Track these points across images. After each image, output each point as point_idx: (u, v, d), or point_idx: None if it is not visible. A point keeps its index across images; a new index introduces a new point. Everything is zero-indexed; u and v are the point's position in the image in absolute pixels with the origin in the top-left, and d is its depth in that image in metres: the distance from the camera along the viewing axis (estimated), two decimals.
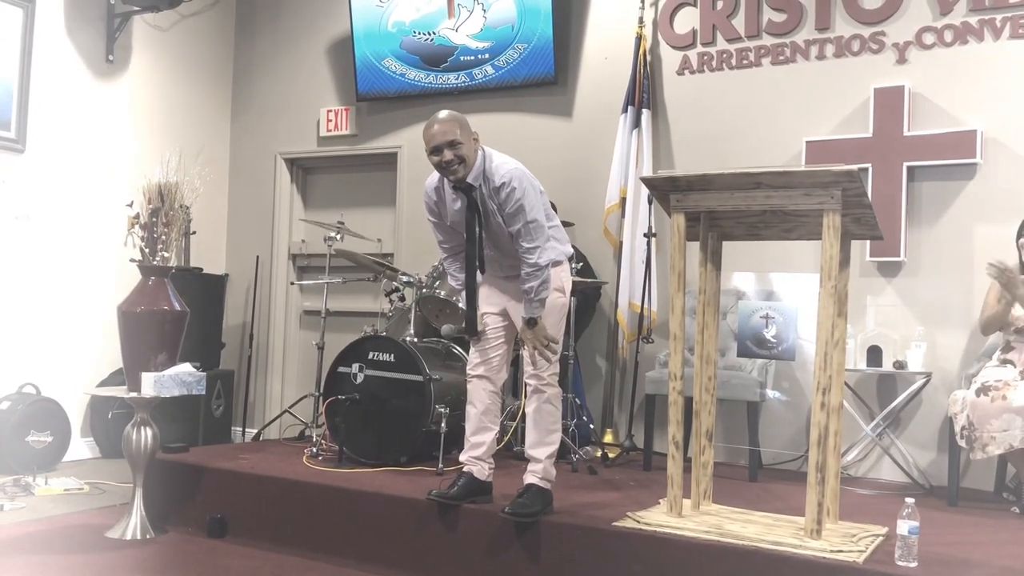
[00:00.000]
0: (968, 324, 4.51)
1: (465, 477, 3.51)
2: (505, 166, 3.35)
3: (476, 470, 3.52)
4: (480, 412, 3.53)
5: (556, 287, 3.45)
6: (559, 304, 3.47)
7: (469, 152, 3.32)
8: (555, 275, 3.44)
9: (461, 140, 3.29)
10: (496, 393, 3.56)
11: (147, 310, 3.87)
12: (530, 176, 3.40)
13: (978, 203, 4.54)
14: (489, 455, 3.55)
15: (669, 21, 5.34)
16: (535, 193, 3.37)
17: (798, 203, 3.07)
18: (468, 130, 3.35)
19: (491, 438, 3.55)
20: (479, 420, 3.53)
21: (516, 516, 3.28)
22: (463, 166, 3.31)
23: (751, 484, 4.32)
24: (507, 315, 3.53)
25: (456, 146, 3.28)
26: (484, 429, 3.53)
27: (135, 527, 3.84)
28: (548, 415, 3.40)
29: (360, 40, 6.09)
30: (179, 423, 5.53)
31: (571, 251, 3.66)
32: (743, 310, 3.63)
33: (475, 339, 3.53)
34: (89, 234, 5.69)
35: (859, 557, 2.86)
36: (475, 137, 3.37)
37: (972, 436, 3.84)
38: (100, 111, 5.87)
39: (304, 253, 6.68)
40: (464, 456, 3.56)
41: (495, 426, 3.57)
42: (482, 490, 3.52)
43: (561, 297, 3.48)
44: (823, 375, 3.00)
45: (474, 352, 3.57)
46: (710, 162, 4.89)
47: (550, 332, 3.38)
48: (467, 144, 3.31)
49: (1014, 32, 4.49)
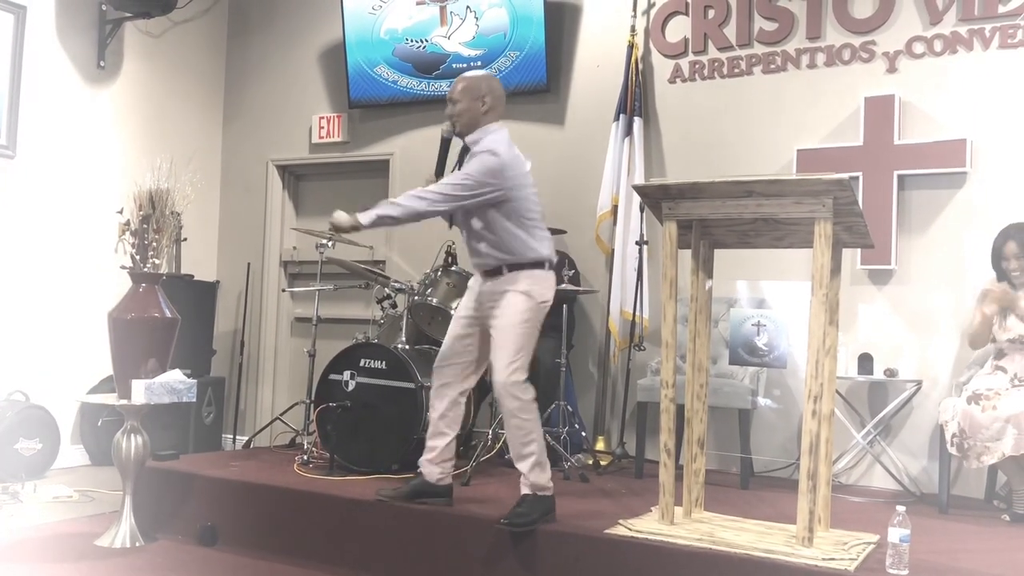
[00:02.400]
0: (958, 332, 4.53)
1: (417, 479, 3.62)
2: (496, 144, 3.42)
3: (427, 472, 3.59)
4: (436, 417, 3.57)
5: (522, 290, 3.38)
6: (522, 308, 3.36)
7: (466, 114, 3.51)
8: (524, 277, 3.39)
9: (458, 99, 3.52)
10: (456, 401, 3.56)
11: (137, 317, 3.86)
12: (509, 165, 3.38)
13: (967, 211, 4.56)
14: (442, 459, 3.58)
15: (661, 30, 5.36)
16: (488, 173, 3.34)
17: (789, 211, 3.08)
18: (476, 95, 3.51)
19: (444, 443, 3.57)
20: (435, 425, 3.58)
21: (511, 526, 3.28)
22: (460, 123, 3.53)
23: (743, 492, 4.32)
24: (479, 323, 3.50)
25: (454, 102, 3.54)
26: (439, 434, 3.57)
27: (125, 535, 3.82)
28: (516, 429, 3.34)
29: (352, 47, 6.09)
30: (169, 430, 5.50)
31: (546, 255, 3.46)
32: (735, 318, 3.64)
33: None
34: (79, 240, 5.67)
35: (850, 565, 2.86)
36: (485, 109, 3.51)
37: (965, 445, 3.86)
38: (91, 117, 5.85)
39: (296, 260, 6.67)
40: (421, 459, 3.64)
41: (451, 431, 3.58)
42: (433, 492, 3.58)
43: (527, 300, 3.37)
44: (814, 383, 3.01)
45: (441, 356, 3.59)
46: (702, 170, 4.91)
47: (512, 338, 3.32)
48: (466, 106, 3.51)
49: (1003, 42, 4.52)
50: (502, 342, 3.35)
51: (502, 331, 3.36)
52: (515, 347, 3.33)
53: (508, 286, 3.39)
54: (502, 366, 3.32)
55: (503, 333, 3.35)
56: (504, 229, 3.39)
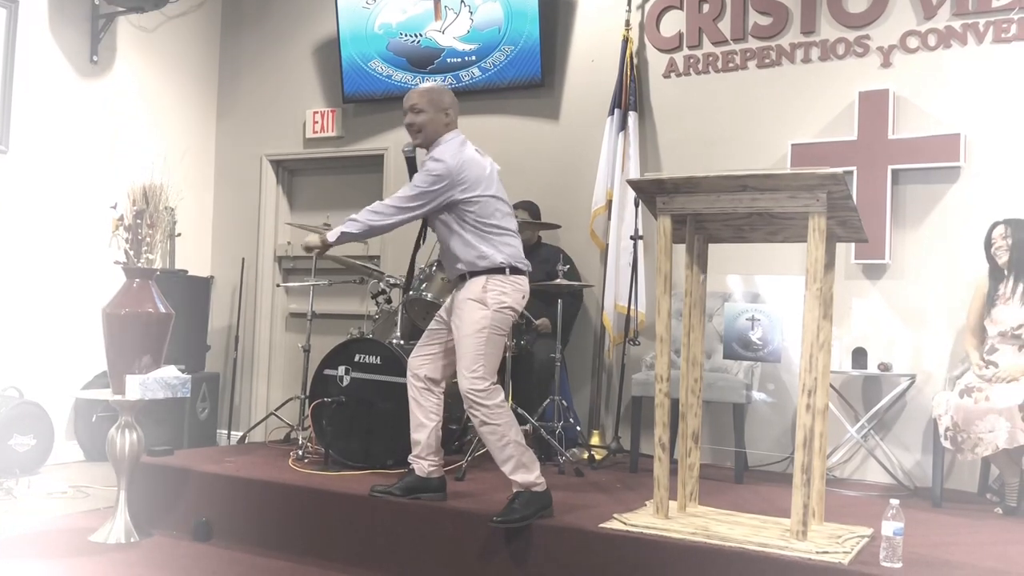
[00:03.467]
0: (952, 326, 4.54)
1: (408, 474, 3.63)
2: (445, 152, 3.42)
3: (417, 468, 3.60)
4: (415, 408, 3.60)
5: (475, 297, 3.36)
6: (476, 316, 3.34)
7: (428, 125, 3.48)
8: (479, 284, 3.37)
9: (422, 108, 3.47)
10: (428, 390, 3.58)
11: (132, 312, 3.85)
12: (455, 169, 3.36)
13: (961, 206, 4.57)
14: (428, 452, 3.59)
15: (655, 24, 5.36)
16: (432, 181, 3.35)
17: (784, 206, 3.08)
18: (438, 105, 3.49)
19: (425, 435, 3.58)
20: (414, 417, 3.61)
21: (504, 523, 3.28)
22: (423, 135, 3.49)
23: (737, 486, 4.33)
24: (448, 327, 3.52)
25: (417, 112, 3.48)
26: (420, 427, 3.59)
27: (119, 531, 3.81)
28: (490, 435, 3.34)
29: (346, 42, 6.08)
30: (164, 426, 5.50)
31: (501, 261, 3.40)
32: (729, 312, 3.64)
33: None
34: (73, 235, 5.65)
35: (844, 558, 2.87)
36: (447, 122, 3.50)
37: (959, 438, 3.87)
38: (84, 112, 5.83)
39: (290, 255, 6.66)
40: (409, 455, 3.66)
41: (430, 422, 3.59)
42: (426, 487, 3.58)
43: (480, 308, 3.34)
44: (808, 377, 3.02)
45: (416, 348, 3.64)
46: (696, 164, 4.90)
47: (470, 347, 3.33)
48: (429, 116, 3.47)
49: (997, 36, 4.52)
50: (462, 351, 3.38)
51: (461, 340, 3.38)
52: (473, 355, 3.33)
53: (466, 294, 3.41)
54: (463, 375, 3.35)
55: (461, 342, 3.38)
56: (457, 236, 3.42)
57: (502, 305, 3.39)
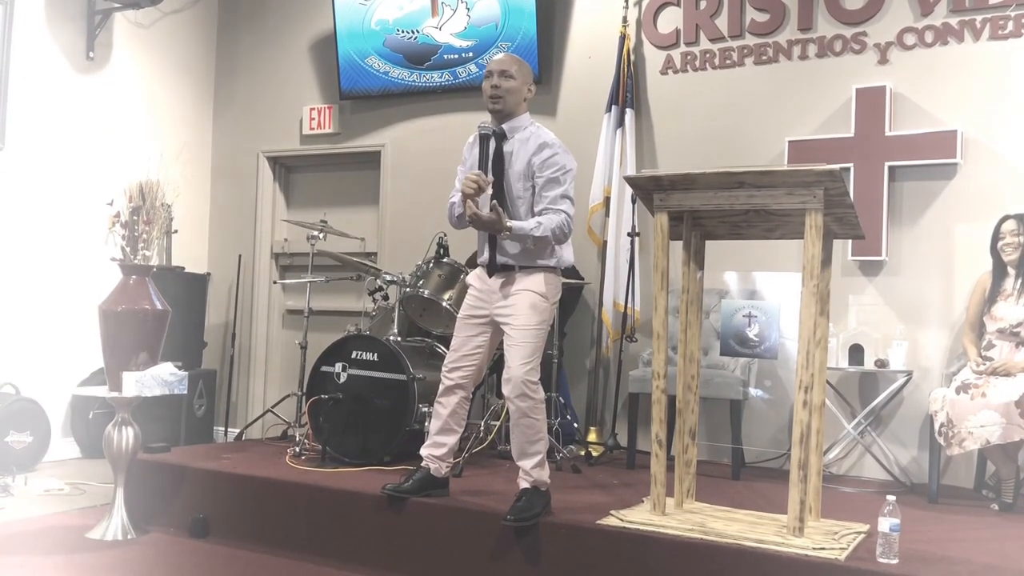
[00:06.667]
0: (949, 323, 4.55)
1: (421, 472, 3.57)
2: (552, 137, 3.43)
3: (434, 468, 3.57)
4: (447, 415, 3.54)
5: (540, 291, 3.37)
6: (540, 308, 3.36)
7: (516, 94, 3.41)
8: (541, 278, 3.39)
9: (513, 75, 3.39)
10: (467, 399, 3.56)
11: (128, 309, 3.85)
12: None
13: (958, 203, 4.58)
14: (450, 456, 3.59)
15: (653, 21, 5.35)
16: (571, 160, 3.42)
17: (781, 202, 3.08)
18: (525, 79, 3.45)
19: (454, 441, 3.57)
20: (445, 422, 3.55)
21: (518, 522, 3.27)
22: (504, 103, 3.39)
23: (734, 482, 4.33)
24: (491, 324, 3.47)
25: (507, 77, 3.38)
26: (450, 431, 3.55)
27: (116, 528, 3.81)
28: (527, 428, 3.33)
29: (343, 38, 6.07)
30: (161, 423, 5.49)
31: (568, 260, 3.50)
32: (726, 309, 3.65)
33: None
34: (69, 232, 5.64)
35: (841, 554, 2.88)
36: (528, 96, 3.46)
37: (950, 433, 3.88)
38: (80, 108, 5.81)
39: (287, 252, 6.65)
40: (425, 451, 3.59)
41: (460, 429, 3.58)
42: (437, 485, 3.58)
43: (543, 302, 3.38)
44: (805, 373, 3.02)
45: (452, 354, 3.53)
46: (693, 161, 4.91)
47: (530, 338, 3.31)
48: (518, 85, 3.41)
49: (994, 33, 4.53)
50: (520, 340, 3.32)
51: (520, 331, 3.33)
52: (532, 347, 3.32)
53: (525, 286, 3.37)
54: (517, 364, 3.30)
55: (521, 333, 3.33)
56: None
57: (555, 301, 3.46)
